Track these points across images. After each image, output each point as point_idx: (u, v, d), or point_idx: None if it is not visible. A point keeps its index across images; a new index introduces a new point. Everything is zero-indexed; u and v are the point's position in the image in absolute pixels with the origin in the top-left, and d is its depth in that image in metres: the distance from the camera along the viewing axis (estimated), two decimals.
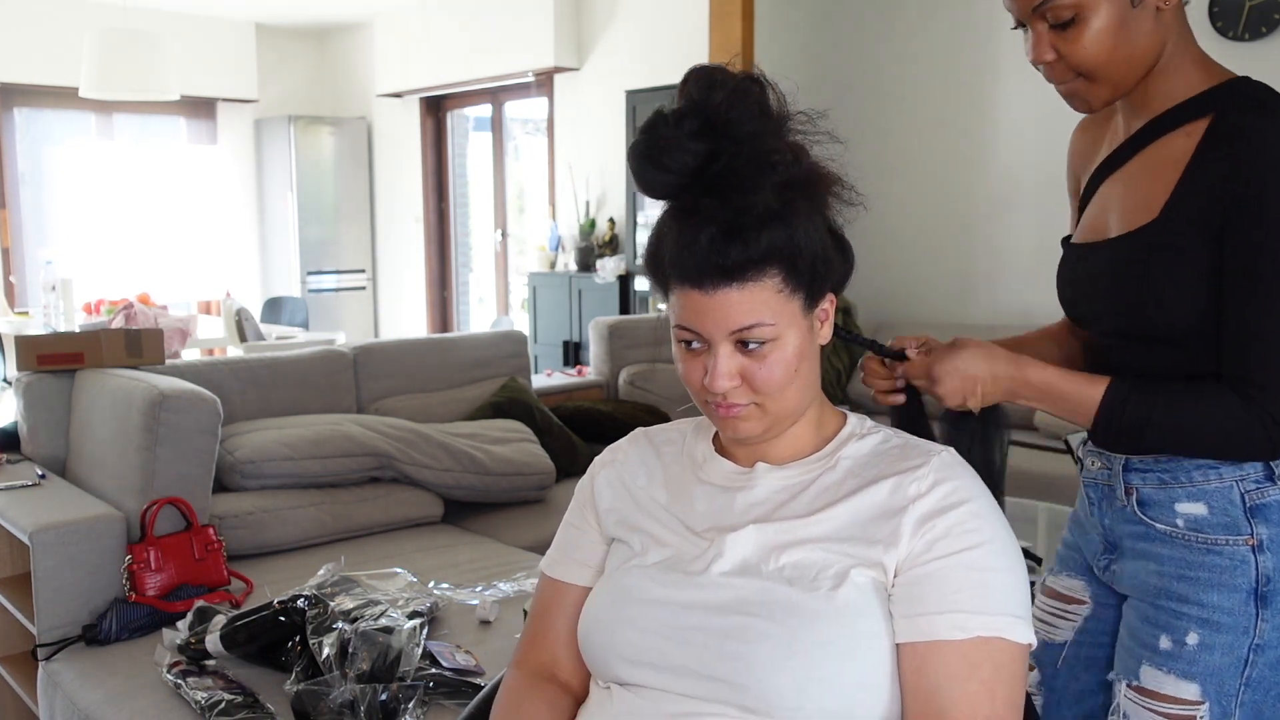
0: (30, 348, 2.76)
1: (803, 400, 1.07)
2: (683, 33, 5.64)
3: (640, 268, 5.20)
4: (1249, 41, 3.88)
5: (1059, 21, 1.18)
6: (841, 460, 1.08)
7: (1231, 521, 1.20)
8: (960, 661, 0.96)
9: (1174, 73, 1.21)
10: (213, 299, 7.76)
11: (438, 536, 2.85)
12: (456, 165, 7.76)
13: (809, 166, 1.02)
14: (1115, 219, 1.27)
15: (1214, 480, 1.21)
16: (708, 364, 1.03)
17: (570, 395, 4.05)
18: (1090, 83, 1.21)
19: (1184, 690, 1.21)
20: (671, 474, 1.16)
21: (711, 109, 0.99)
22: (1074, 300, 1.35)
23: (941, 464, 1.04)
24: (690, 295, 1.01)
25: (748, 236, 0.97)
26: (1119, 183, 1.28)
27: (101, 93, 5.51)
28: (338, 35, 8.31)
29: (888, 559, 1.00)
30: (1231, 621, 1.19)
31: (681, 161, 0.99)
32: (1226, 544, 1.20)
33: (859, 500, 1.04)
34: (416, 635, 1.84)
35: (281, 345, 5.24)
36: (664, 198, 1.03)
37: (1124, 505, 1.29)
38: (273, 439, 2.82)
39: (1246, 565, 1.19)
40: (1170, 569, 1.24)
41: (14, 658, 2.60)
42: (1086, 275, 1.31)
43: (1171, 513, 1.24)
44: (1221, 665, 1.19)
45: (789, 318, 1.02)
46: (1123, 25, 1.17)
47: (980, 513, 1.01)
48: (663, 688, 1.03)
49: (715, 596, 1.03)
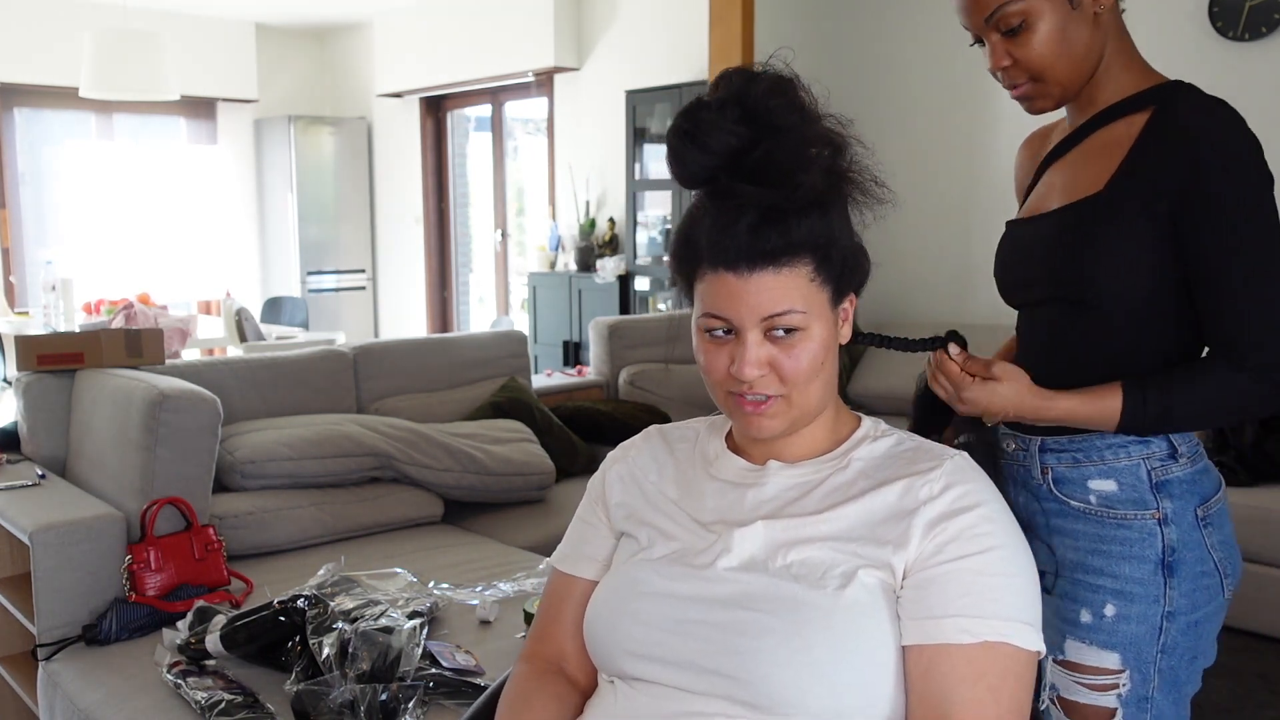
0: (30, 348, 2.76)
1: (824, 397, 1.08)
2: (683, 33, 5.64)
3: (639, 267, 5.14)
4: (1249, 41, 3.88)
5: (1008, 28, 1.28)
6: (854, 461, 1.09)
7: (1139, 497, 1.29)
8: (967, 666, 0.95)
9: (1115, 73, 1.32)
10: (213, 299, 7.76)
11: (438, 536, 2.85)
12: (456, 165, 7.76)
13: (847, 161, 1.04)
14: (1057, 196, 1.35)
15: (1123, 458, 1.29)
16: (734, 353, 1.03)
17: (570, 395, 4.05)
18: (1040, 84, 1.32)
19: (1106, 660, 1.29)
20: (683, 470, 1.16)
21: (752, 100, 1.01)
22: (1009, 269, 1.43)
23: (954, 467, 1.04)
24: (724, 280, 1.01)
25: (787, 223, 0.99)
26: (1063, 168, 1.37)
27: (101, 93, 5.51)
28: (338, 35, 8.31)
29: (896, 560, 1.00)
30: (1143, 591, 1.27)
31: (724, 143, 1.00)
32: (1135, 518, 1.28)
33: (869, 501, 1.04)
34: (416, 635, 1.84)
35: (281, 345, 5.24)
36: (699, 182, 1.04)
37: (1040, 484, 1.36)
38: (273, 439, 2.82)
39: (1154, 538, 1.28)
40: (1085, 544, 1.32)
41: (14, 658, 2.60)
42: (1026, 245, 1.39)
43: (1084, 489, 1.32)
44: (1138, 634, 1.27)
45: (818, 309, 1.03)
46: (1064, 28, 1.27)
47: (992, 517, 1.01)
48: (666, 682, 1.03)
49: (720, 591, 1.03)
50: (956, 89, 4.77)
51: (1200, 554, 1.28)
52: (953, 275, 4.86)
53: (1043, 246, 1.34)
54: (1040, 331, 1.38)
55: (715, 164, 1.01)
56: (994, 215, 4.66)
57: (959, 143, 4.81)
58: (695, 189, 1.06)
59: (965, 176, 4.81)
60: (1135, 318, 1.28)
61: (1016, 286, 1.42)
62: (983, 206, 4.75)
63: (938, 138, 4.87)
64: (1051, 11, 1.26)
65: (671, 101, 5.55)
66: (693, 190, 1.07)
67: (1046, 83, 1.31)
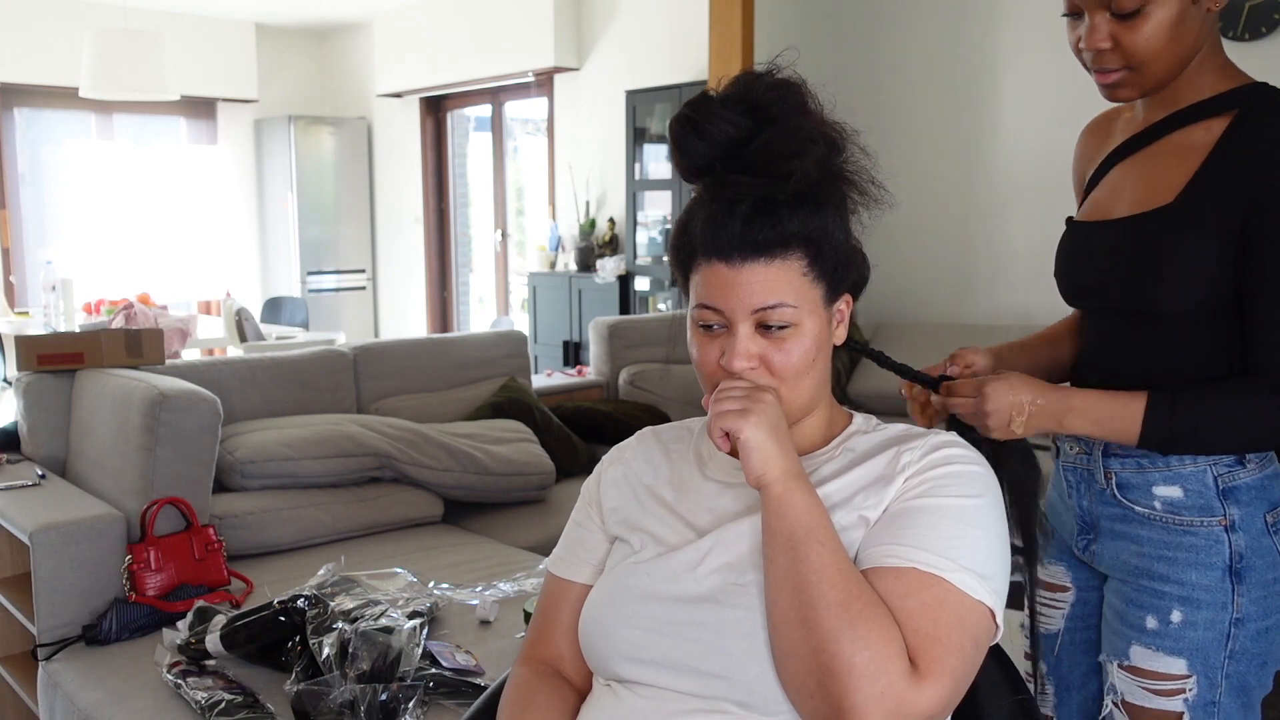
0: (30, 348, 2.76)
1: (815, 395, 1.08)
2: (683, 33, 5.64)
3: (639, 267, 5.14)
4: (1249, 41, 3.87)
5: (1123, 11, 1.22)
6: (845, 451, 1.09)
7: (1205, 503, 1.26)
8: (897, 583, 0.94)
9: (1201, 72, 1.27)
10: (213, 299, 7.76)
11: (438, 536, 2.85)
12: (456, 165, 7.76)
13: (843, 159, 1.05)
14: (1126, 201, 1.31)
15: (1189, 464, 1.27)
16: (725, 345, 1.04)
17: (570, 395, 4.05)
18: (1136, 73, 1.25)
19: (1173, 666, 1.27)
20: (678, 471, 1.16)
21: (756, 95, 1.03)
22: (1074, 274, 1.39)
23: (941, 440, 1.05)
24: (717, 270, 1.02)
25: (780, 214, 1.00)
26: (1133, 167, 1.33)
27: (101, 93, 5.52)
28: (338, 35, 8.31)
29: (873, 515, 1.01)
30: (1210, 598, 1.25)
31: (723, 131, 1.02)
32: (1201, 525, 1.26)
33: (856, 472, 1.05)
34: (416, 635, 1.84)
35: (281, 345, 5.24)
36: (699, 173, 1.06)
37: (1103, 489, 1.34)
38: (273, 439, 2.82)
39: (1220, 544, 1.25)
40: (1150, 550, 1.30)
41: (14, 658, 2.60)
42: (1092, 251, 1.35)
43: (1149, 495, 1.30)
44: (1205, 640, 1.25)
45: (810, 305, 1.03)
46: (1181, 19, 1.21)
47: (972, 476, 1.02)
48: (661, 684, 1.03)
49: (711, 591, 1.03)
50: (957, 90, 4.77)
51: (1271, 560, 1.25)
52: (953, 275, 4.86)
53: (1111, 256, 1.31)
54: (1107, 339, 1.36)
55: (714, 154, 1.03)
56: (994, 215, 4.67)
57: (959, 143, 4.81)
58: (696, 181, 1.07)
59: (965, 176, 4.81)
60: (1205, 331, 1.25)
61: (1082, 293, 1.39)
62: (982, 207, 4.75)
63: (938, 138, 4.87)
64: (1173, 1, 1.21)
65: (671, 101, 5.55)
66: (693, 184, 1.08)
67: (1143, 73, 1.25)
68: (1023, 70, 4.50)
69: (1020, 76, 4.52)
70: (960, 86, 4.75)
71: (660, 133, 5.78)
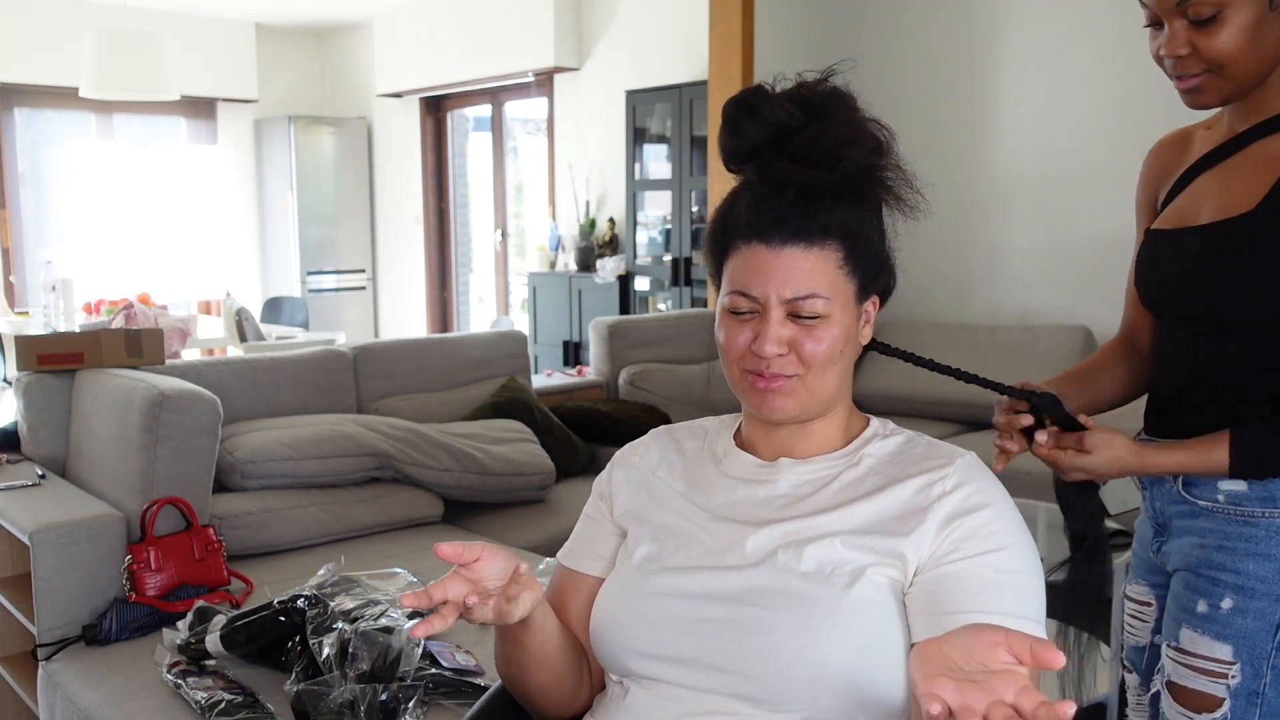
0: (30, 348, 2.76)
1: (839, 389, 1.09)
2: (683, 33, 5.64)
3: (639, 267, 5.13)
4: None
5: (1199, 18, 1.24)
6: (865, 458, 1.10)
7: (1269, 495, 1.27)
8: None
9: None
10: (213, 299, 7.76)
11: (438, 536, 2.85)
12: (456, 165, 7.76)
13: (886, 162, 1.09)
14: (1209, 208, 1.33)
15: None
16: (756, 329, 1.05)
17: (570, 395, 4.05)
18: (1217, 78, 1.28)
19: (1218, 650, 1.29)
20: (692, 468, 1.17)
21: (811, 94, 1.07)
22: (1155, 284, 1.41)
23: (965, 465, 1.06)
24: (756, 251, 1.04)
25: (822, 204, 1.04)
26: (1217, 176, 1.35)
27: (101, 93, 5.52)
28: (338, 35, 8.31)
29: (909, 552, 1.01)
30: (1265, 589, 1.27)
31: (776, 115, 1.05)
32: (1263, 516, 1.28)
33: (883, 499, 1.05)
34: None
35: (281, 345, 5.24)
36: (745, 157, 1.09)
37: (1171, 487, 1.37)
38: (273, 439, 2.82)
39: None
40: (1211, 540, 1.32)
41: (14, 658, 2.60)
42: (1172, 259, 1.37)
43: (1214, 489, 1.32)
44: (1254, 629, 1.27)
45: (842, 299, 1.05)
46: (1259, 25, 1.24)
47: (1004, 516, 1.03)
48: (676, 681, 1.03)
49: (728, 588, 1.03)
50: (956, 90, 4.77)
51: None
52: (953, 275, 4.86)
53: (1191, 264, 1.32)
54: (1187, 348, 1.37)
55: (764, 137, 1.06)
56: (994, 215, 4.67)
57: (959, 143, 4.80)
58: (740, 166, 1.10)
59: (964, 177, 4.80)
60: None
61: (1162, 301, 1.41)
62: (982, 207, 4.74)
63: (937, 138, 4.86)
64: (1248, 7, 1.23)
65: (671, 101, 5.55)
66: (735, 171, 1.11)
67: (1223, 77, 1.27)
68: (1023, 70, 4.50)
69: (1020, 77, 4.52)
70: (960, 86, 4.75)
71: (660, 133, 5.78)
